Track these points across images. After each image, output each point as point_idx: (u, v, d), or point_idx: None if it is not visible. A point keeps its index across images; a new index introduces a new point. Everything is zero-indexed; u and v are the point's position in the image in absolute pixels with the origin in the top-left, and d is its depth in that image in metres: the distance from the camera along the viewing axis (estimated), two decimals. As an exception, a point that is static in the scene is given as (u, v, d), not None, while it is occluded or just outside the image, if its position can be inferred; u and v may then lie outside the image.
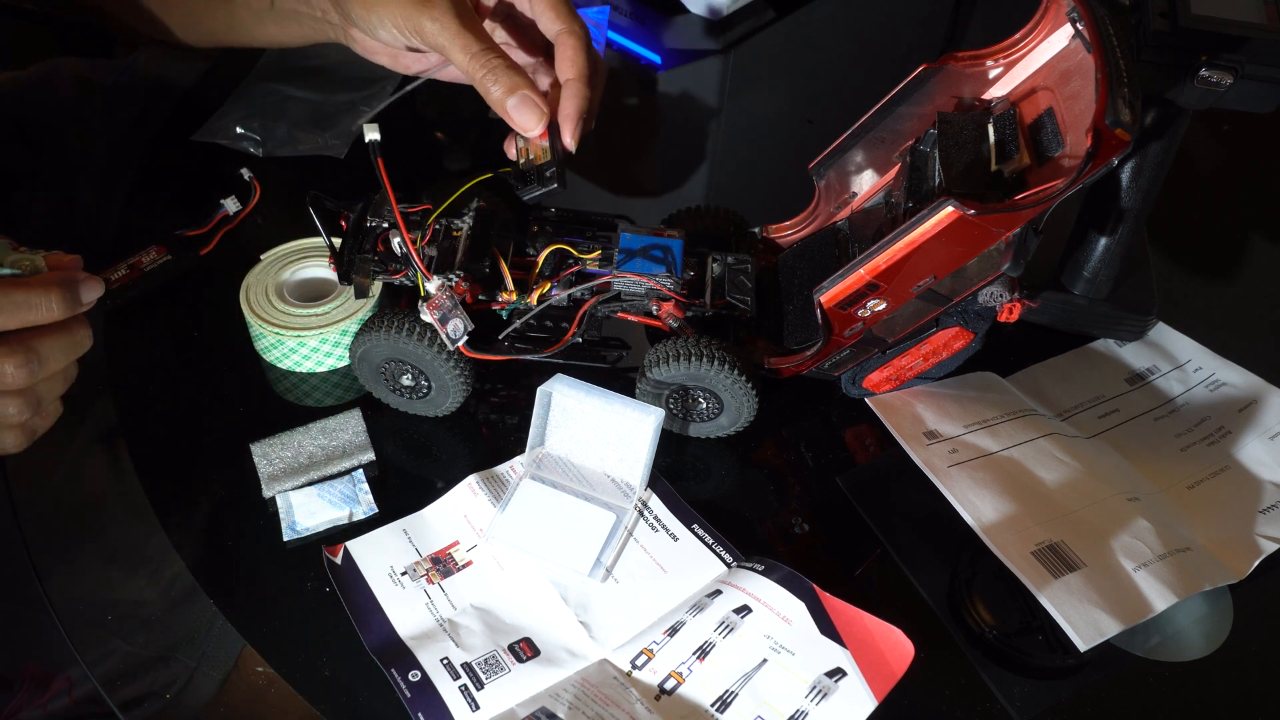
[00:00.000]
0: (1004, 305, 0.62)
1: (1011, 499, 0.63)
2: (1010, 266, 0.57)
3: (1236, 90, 0.60)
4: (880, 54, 1.08)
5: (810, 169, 0.70)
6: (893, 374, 0.68)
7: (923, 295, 0.61)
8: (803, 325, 0.67)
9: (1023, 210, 0.55)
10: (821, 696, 0.53)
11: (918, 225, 0.56)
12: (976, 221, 0.55)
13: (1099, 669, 0.58)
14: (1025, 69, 0.64)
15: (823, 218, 0.72)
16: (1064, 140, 0.59)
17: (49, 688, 0.80)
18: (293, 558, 0.61)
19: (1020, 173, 0.61)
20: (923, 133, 0.64)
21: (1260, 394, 0.73)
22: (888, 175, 0.70)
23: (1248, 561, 0.62)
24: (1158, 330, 0.77)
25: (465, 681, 0.55)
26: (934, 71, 0.64)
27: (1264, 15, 0.60)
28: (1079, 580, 0.58)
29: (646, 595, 0.59)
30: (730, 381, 0.62)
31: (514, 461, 0.66)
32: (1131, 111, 0.52)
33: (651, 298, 0.64)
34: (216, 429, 0.68)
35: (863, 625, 0.56)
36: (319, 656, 0.57)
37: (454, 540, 0.62)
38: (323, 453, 0.65)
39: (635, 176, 0.91)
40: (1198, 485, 0.67)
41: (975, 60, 0.64)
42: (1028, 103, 0.63)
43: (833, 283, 0.61)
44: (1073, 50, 0.61)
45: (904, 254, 0.57)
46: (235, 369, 0.71)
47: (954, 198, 0.55)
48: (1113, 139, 0.51)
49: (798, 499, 0.66)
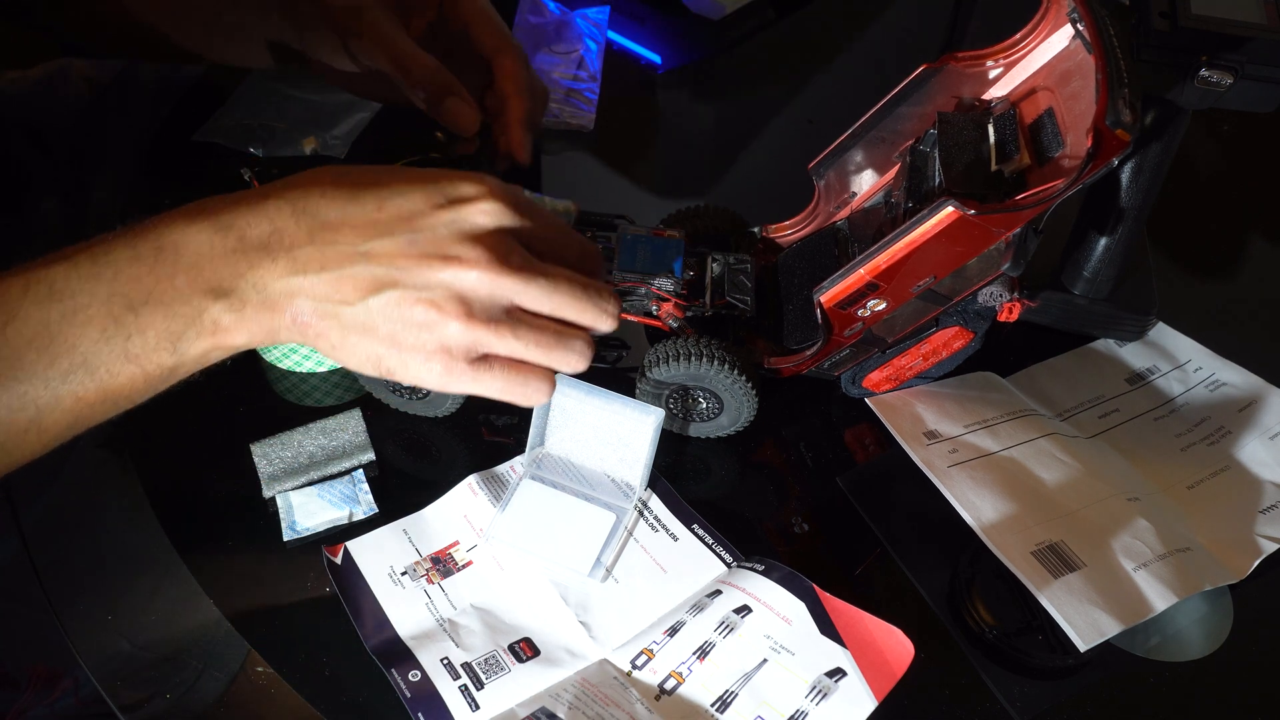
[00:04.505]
0: (1004, 305, 0.63)
1: (1011, 499, 0.63)
2: (1010, 266, 0.57)
3: (1236, 90, 0.60)
4: (880, 54, 1.08)
5: (810, 169, 0.70)
6: (892, 373, 0.68)
7: (922, 295, 0.61)
8: (802, 325, 0.67)
9: (1023, 211, 0.55)
10: (821, 696, 0.53)
11: (918, 225, 0.56)
12: (977, 222, 0.55)
13: (1099, 669, 0.58)
14: (1025, 69, 0.64)
15: (822, 217, 0.72)
16: (1064, 140, 0.59)
17: (55, 687, 0.80)
18: (293, 558, 0.61)
19: (1020, 173, 0.61)
20: (923, 133, 0.64)
21: (1260, 394, 0.73)
22: (888, 175, 0.70)
23: (1248, 561, 0.62)
24: (1158, 330, 0.77)
25: (465, 681, 0.55)
26: (934, 72, 0.64)
27: (1264, 15, 0.60)
28: (1079, 580, 0.58)
29: (646, 595, 0.59)
30: (730, 381, 0.62)
31: (514, 461, 0.66)
32: (1132, 112, 0.52)
33: (651, 298, 0.64)
34: (216, 429, 0.68)
35: (863, 625, 0.56)
36: (319, 656, 0.57)
37: (454, 540, 0.62)
38: (323, 453, 0.65)
39: (635, 176, 0.91)
40: (1198, 485, 0.67)
41: (975, 60, 0.64)
42: (1028, 103, 0.63)
43: (833, 283, 0.61)
44: (1073, 50, 0.61)
45: (904, 254, 0.57)
46: (235, 369, 0.70)
47: (954, 198, 0.55)
48: (1113, 140, 0.52)
49: (798, 499, 0.66)
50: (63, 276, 0.47)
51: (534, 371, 0.52)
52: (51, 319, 0.47)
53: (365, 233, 0.49)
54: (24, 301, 0.46)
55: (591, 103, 0.93)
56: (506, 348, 0.51)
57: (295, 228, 0.48)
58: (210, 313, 0.48)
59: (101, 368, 0.47)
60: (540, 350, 0.51)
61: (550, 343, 0.51)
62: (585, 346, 0.53)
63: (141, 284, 0.47)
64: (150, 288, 0.47)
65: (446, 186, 0.50)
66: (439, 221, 0.49)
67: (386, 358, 0.50)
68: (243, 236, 0.48)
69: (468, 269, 0.48)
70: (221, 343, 0.49)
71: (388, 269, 0.48)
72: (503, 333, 0.50)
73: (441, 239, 0.49)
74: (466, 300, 0.49)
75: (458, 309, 0.49)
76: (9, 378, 0.46)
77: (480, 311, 0.49)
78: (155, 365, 0.48)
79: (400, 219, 0.49)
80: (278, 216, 0.48)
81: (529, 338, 0.51)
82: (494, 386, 0.52)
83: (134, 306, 0.47)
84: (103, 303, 0.47)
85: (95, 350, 0.47)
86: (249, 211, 0.48)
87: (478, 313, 0.49)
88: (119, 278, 0.47)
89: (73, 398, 0.48)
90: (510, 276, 0.49)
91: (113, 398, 0.49)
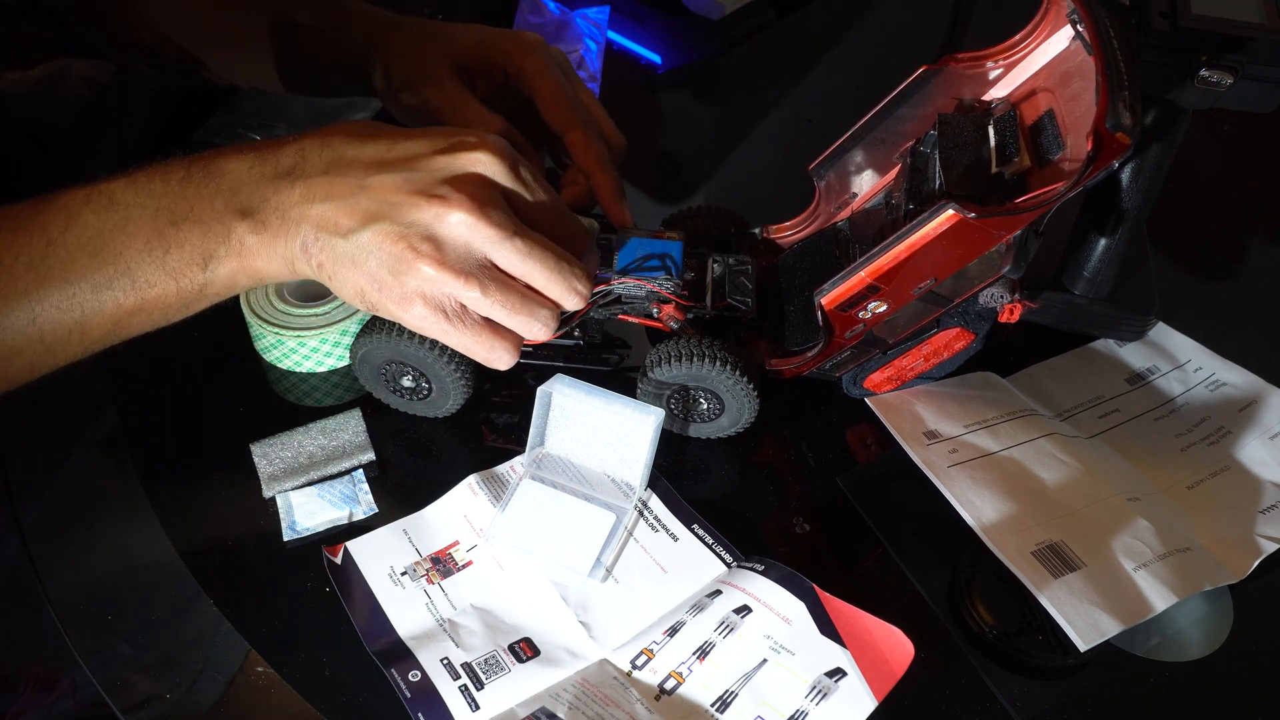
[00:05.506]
0: (1005, 306, 0.63)
1: (1012, 499, 0.63)
2: (1011, 269, 0.57)
3: (1236, 90, 0.60)
4: (880, 54, 1.08)
5: (810, 170, 0.70)
6: (894, 374, 0.68)
7: (923, 297, 0.61)
8: (804, 326, 0.67)
9: (1023, 214, 0.55)
10: (821, 696, 0.53)
11: (919, 228, 0.56)
12: (977, 224, 0.55)
13: (1099, 669, 0.58)
14: (1025, 70, 0.64)
15: (823, 218, 0.72)
16: (1064, 142, 0.59)
17: (53, 690, 0.80)
18: (293, 558, 0.61)
19: (1021, 175, 0.61)
20: (923, 134, 0.64)
21: (1260, 394, 0.73)
22: (888, 176, 0.70)
23: (1248, 561, 0.62)
24: (1158, 330, 0.77)
25: (465, 681, 0.55)
26: (934, 73, 0.64)
27: (1264, 15, 0.60)
28: (1079, 580, 0.58)
29: (646, 595, 0.59)
30: (731, 382, 0.62)
31: (514, 461, 0.66)
32: (1132, 115, 0.52)
33: (652, 300, 0.64)
34: (216, 429, 0.68)
35: (863, 625, 0.56)
36: (319, 656, 0.57)
37: (454, 540, 0.62)
38: (323, 453, 0.65)
39: (635, 177, 0.91)
40: (1198, 485, 0.67)
41: (975, 62, 0.64)
42: (1028, 104, 0.63)
43: (834, 285, 0.61)
44: (1073, 52, 0.61)
45: (905, 256, 0.57)
46: (235, 369, 0.71)
47: (954, 200, 0.55)
48: (1113, 142, 0.51)
49: (798, 499, 0.66)
50: (121, 190, 0.52)
51: (503, 336, 0.56)
52: (106, 227, 0.51)
53: (372, 169, 0.53)
54: (84, 210, 0.52)
55: (591, 103, 0.93)
56: (473, 301, 0.54)
57: (318, 159, 0.53)
58: (237, 232, 0.52)
59: (141, 278, 0.52)
60: (505, 311, 0.54)
61: (516, 305, 0.54)
62: (550, 318, 0.56)
63: (186, 201, 0.52)
64: (193, 205, 0.52)
65: (452, 135, 0.54)
66: (435, 164, 0.53)
67: (369, 293, 0.54)
68: (275, 165, 0.53)
69: (449, 209, 0.51)
70: (247, 265, 0.53)
71: (380, 203, 0.52)
72: (471, 285, 0.53)
73: (434, 179, 0.52)
74: (440, 244, 0.52)
75: (431, 251, 0.52)
76: (61, 279, 0.51)
77: (453, 259, 0.52)
78: (188, 281, 0.53)
79: (404, 159, 0.53)
80: (308, 148, 0.53)
81: (496, 295, 0.54)
82: (463, 341, 0.55)
83: (176, 221, 0.52)
84: (151, 216, 0.52)
85: (138, 260, 0.52)
86: (286, 146, 0.54)
87: (450, 260, 0.52)
88: (169, 194, 0.52)
89: (114, 304, 0.52)
90: (487, 227, 0.52)
91: (148, 309, 0.53)
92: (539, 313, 0.55)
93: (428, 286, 0.53)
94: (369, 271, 0.53)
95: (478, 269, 0.53)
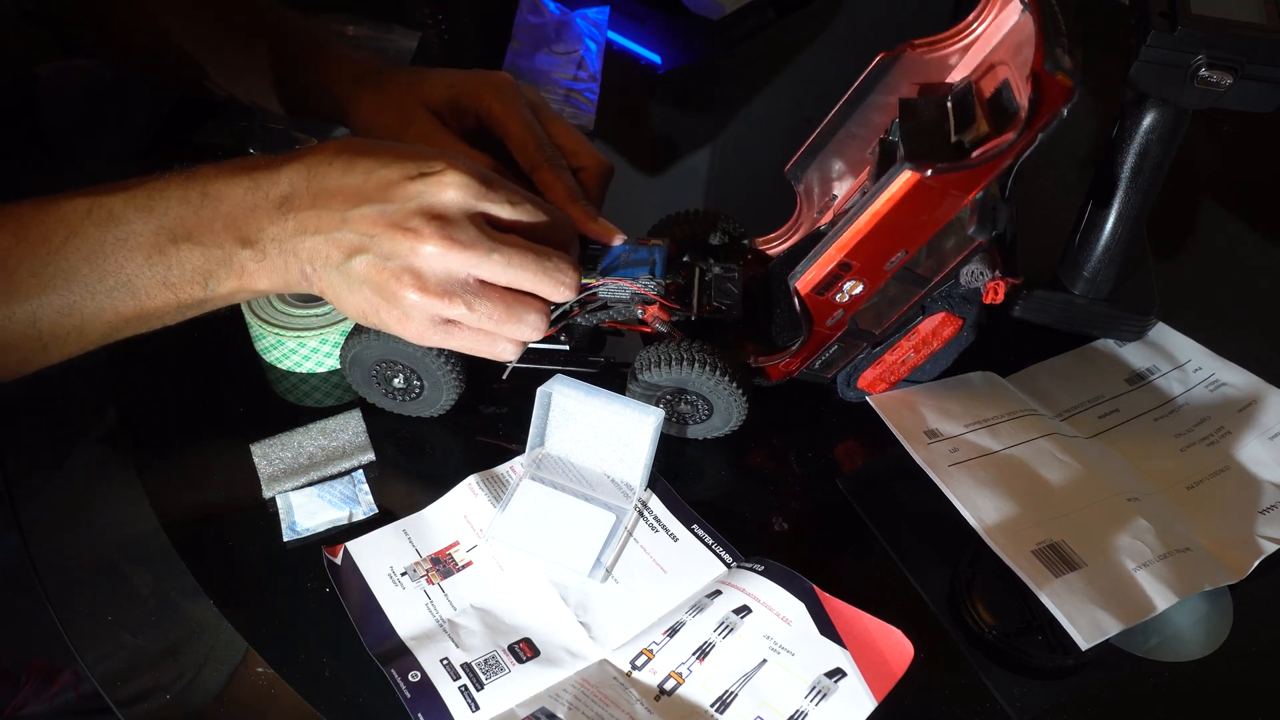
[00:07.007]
0: (987, 285, 0.62)
1: (1012, 498, 0.63)
2: (976, 230, 0.56)
3: (1236, 90, 0.60)
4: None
5: (787, 171, 0.69)
6: (885, 371, 0.68)
7: (901, 276, 0.60)
8: (790, 326, 0.67)
9: (979, 167, 0.54)
10: (821, 697, 0.53)
11: (878, 195, 0.56)
12: (935, 184, 0.55)
13: (1099, 669, 0.58)
14: (982, 49, 0.63)
15: (807, 225, 0.72)
16: (1019, 103, 0.58)
17: (55, 682, 0.80)
18: (293, 558, 0.61)
19: (980, 140, 0.60)
20: (891, 124, 0.64)
21: (1260, 394, 0.73)
22: (864, 173, 0.69)
23: (1248, 561, 0.62)
24: (1158, 330, 0.77)
25: (465, 682, 0.55)
26: (893, 60, 0.64)
27: (1264, 15, 0.60)
28: (1080, 579, 0.58)
29: (646, 595, 0.59)
30: (715, 383, 0.62)
31: (514, 462, 0.66)
32: (1071, 59, 0.51)
33: (637, 302, 0.64)
34: (216, 429, 0.68)
35: (863, 625, 0.56)
36: (319, 656, 0.57)
37: (454, 540, 0.62)
38: (323, 453, 0.65)
39: (635, 176, 0.91)
40: (1198, 485, 0.67)
41: (932, 46, 0.64)
42: (987, 78, 0.62)
43: (805, 266, 0.60)
44: (1024, 23, 0.60)
45: (870, 227, 0.57)
46: (235, 369, 0.71)
47: (909, 161, 0.55)
48: (1054, 85, 0.51)
49: (798, 499, 0.66)
50: (121, 205, 0.54)
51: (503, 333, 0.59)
52: (106, 241, 0.54)
53: (352, 200, 0.55)
54: (86, 223, 0.54)
55: (591, 103, 0.93)
56: (461, 316, 0.57)
57: (305, 191, 0.55)
58: (238, 258, 0.55)
59: (142, 290, 0.55)
60: (492, 323, 0.57)
61: (501, 315, 0.57)
62: (539, 318, 0.58)
63: (185, 224, 0.54)
64: (192, 228, 0.54)
65: (421, 161, 0.56)
66: (408, 193, 0.55)
67: (371, 313, 0.57)
68: (268, 194, 0.55)
69: (422, 243, 0.54)
70: (247, 285, 0.56)
71: (360, 236, 0.55)
72: (456, 304, 0.56)
73: (406, 211, 0.54)
74: (419, 273, 0.55)
75: (412, 280, 0.55)
76: (62, 288, 0.54)
77: (434, 284, 0.55)
78: (188, 295, 0.56)
79: (379, 188, 0.55)
80: (296, 179, 0.55)
81: (482, 309, 0.57)
82: (464, 345, 0.59)
83: (176, 241, 0.54)
84: (152, 234, 0.54)
85: (139, 274, 0.54)
86: (277, 172, 0.55)
87: (431, 285, 0.55)
88: (168, 214, 0.54)
89: (113, 312, 0.55)
90: (460, 252, 0.54)
91: (147, 317, 0.56)
92: (526, 317, 0.58)
93: (416, 310, 0.56)
94: (365, 297, 0.56)
95: (461, 288, 0.56)
